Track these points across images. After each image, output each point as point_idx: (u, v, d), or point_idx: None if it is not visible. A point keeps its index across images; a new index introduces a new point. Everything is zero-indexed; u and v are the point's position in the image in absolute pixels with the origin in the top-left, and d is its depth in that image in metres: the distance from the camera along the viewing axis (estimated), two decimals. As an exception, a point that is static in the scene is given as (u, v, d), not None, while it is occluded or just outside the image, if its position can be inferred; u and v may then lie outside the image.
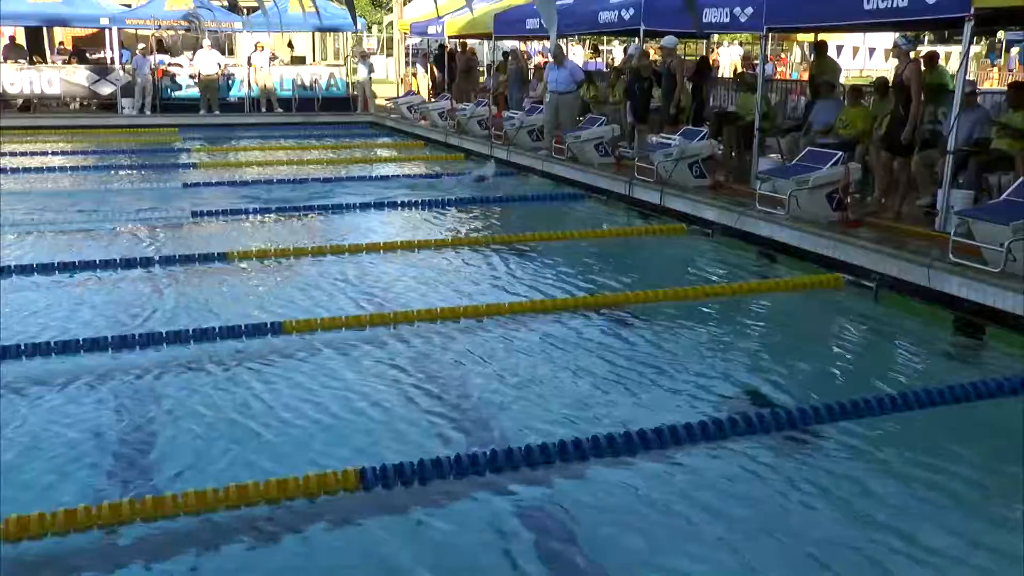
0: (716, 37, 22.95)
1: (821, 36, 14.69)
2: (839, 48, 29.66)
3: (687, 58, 17.93)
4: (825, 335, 7.58)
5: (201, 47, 22.96)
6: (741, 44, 31.10)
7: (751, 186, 11.00)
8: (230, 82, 23.91)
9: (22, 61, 23.45)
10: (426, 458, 4.77)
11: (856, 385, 6.20)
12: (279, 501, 4.49)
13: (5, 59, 23.53)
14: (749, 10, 10.98)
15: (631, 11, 13.47)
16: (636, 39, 14.58)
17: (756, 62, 15.37)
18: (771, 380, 6.26)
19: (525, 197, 13.10)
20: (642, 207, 12.03)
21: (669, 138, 12.17)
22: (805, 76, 18.53)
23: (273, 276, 8.91)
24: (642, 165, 12.40)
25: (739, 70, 18.63)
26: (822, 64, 13.28)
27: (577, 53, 26.35)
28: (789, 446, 5.22)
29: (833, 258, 8.76)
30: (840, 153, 9.51)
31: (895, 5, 8.84)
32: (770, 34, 11.95)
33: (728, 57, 29.24)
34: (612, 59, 25.96)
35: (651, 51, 15.69)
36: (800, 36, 25.66)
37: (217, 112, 22.95)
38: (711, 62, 15.57)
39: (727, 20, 11.45)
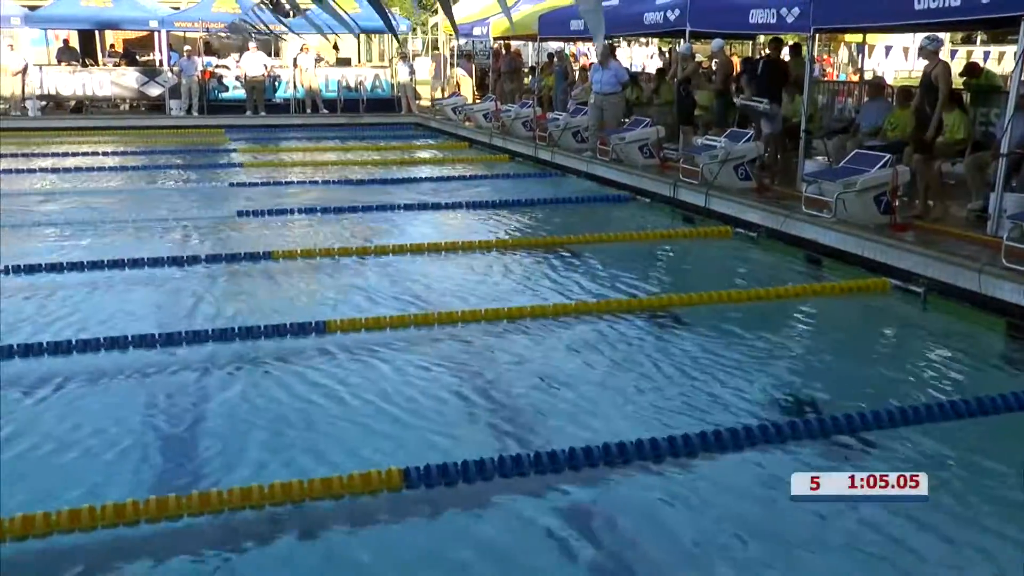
0: (762, 38, 22.74)
1: (869, 37, 14.53)
2: (887, 49, 29.29)
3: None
4: (871, 340, 7.46)
5: (248, 49, 23.19)
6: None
7: (797, 188, 10.90)
8: (276, 83, 24.12)
9: (75, 63, 23.84)
10: (470, 459, 4.77)
11: (903, 392, 6.10)
12: (323, 499, 4.52)
13: (59, 62, 23.95)
14: (796, 10, 10.87)
15: (676, 12, 13.41)
16: (681, 40, 14.51)
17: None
18: (816, 385, 6.19)
19: (569, 199, 13.07)
20: (687, 209, 11.95)
21: (715, 140, 12.09)
22: (854, 77, 18.26)
23: (317, 276, 8.97)
24: (687, 167, 12.33)
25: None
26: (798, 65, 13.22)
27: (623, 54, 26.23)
28: (834, 452, 5.15)
29: (880, 262, 8.65)
30: (888, 155, 9.38)
31: (947, 5, 8.67)
32: (817, 35, 11.82)
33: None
34: (665, 57, 25.77)
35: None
36: (848, 37, 25.36)
37: (263, 113, 23.16)
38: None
39: (773, 21, 11.34)
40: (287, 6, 16.31)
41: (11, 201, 13.00)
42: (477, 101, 22.38)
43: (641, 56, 32.62)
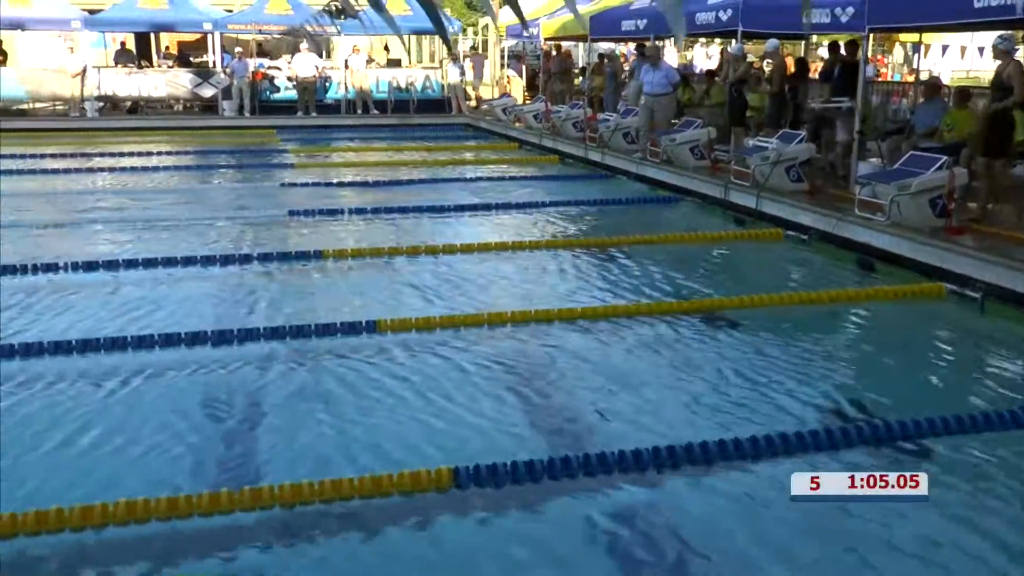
0: (815, 38, 22.50)
1: (925, 36, 14.31)
2: (944, 48, 28.85)
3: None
4: (926, 346, 7.30)
5: (299, 50, 23.40)
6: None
7: (850, 191, 10.77)
8: (327, 84, 24.30)
9: (131, 65, 24.25)
10: (519, 459, 4.78)
11: (959, 399, 6.00)
12: (373, 497, 4.55)
13: (116, 64, 24.37)
14: (850, 10, 10.72)
15: (729, 12, 13.31)
16: (733, 41, 14.41)
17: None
18: (869, 391, 6.10)
19: (619, 200, 13.03)
20: (737, 211, 11.85)
21: (766, 141, 11.98)
22: (909, 78, 17.99)
23: (368, 275, 9.03)
24: (738, 168, 12.24)
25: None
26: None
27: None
28: (885, 460, 5.07)
29: (936, 266, 8.51)
30: (945, 157, 9.24)
31: (1008, 2, 8.50)
32: (871, 34, 11.67)
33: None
34: (691, 59, 25.69)
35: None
36: (903, 36, 25.02)
37: (314, 114, 23.35)
38: (810, 64, 15.24)
39: (827, 20, 11.21)
40: (341, 8, 16.44)
41: (69, 200, 13.29)
42: (527, 102, 22.38)
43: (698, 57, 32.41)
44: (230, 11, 25.77)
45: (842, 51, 12.97)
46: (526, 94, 24.26)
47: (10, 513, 4.25)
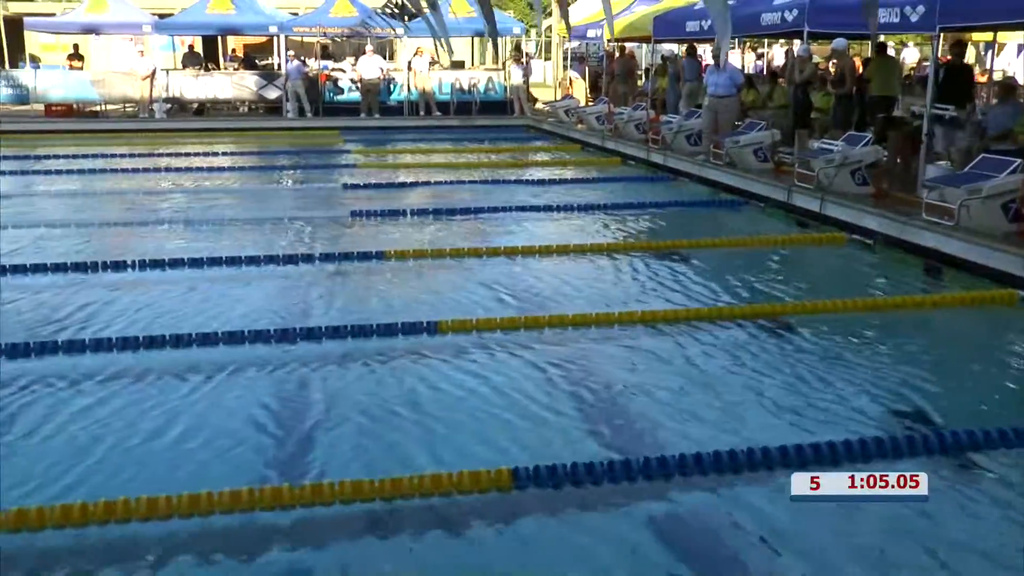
0: (883, 38, 22.12)
1: (1000, 35, 13.98)
2: (1020, 48, 28.14)
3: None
4: (996, 355, 7.12)
5: (364, 52, 23.61)
6: (915, 45, 29.87)
7: (917, 194, 10.58)
8: (391, 86, 24.49)
9: (198, 68, 24.68)
10: (578, 461, 4.76)
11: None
12: (432, 496, 4.58)
13: (184, 66, 24.84)
14: (921, 9, 10.48)
15: (795, 12, 13.14)
16: (799, 41, 14.23)
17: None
18: (934, 400, 5.95)
19: (681, 203, 12.94)
20: (801, 214, 11.71)
21: (831, 143, 11.81)
22: (982, 79, 17.60)
23: (429, 276, 9.08)
24: (802, 171, 12.08)
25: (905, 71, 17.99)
26: (882, 65, 12.71)
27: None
28: (953, 470, 4.97)
29: (1008, 273, 8.31)
30: (1019, 160, 9.03)
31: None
32: (942, 34, 11.44)
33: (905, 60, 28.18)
34: (771, 58, 25.40)
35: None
36: (975, 35, 24.47)
37: (377, 115, 23.54)
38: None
39: (896, 20, 10.98)
40: (406, 10, 16.58)
41: (137, 199, 13.56)
42: (590, 103, 22.33)
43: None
44: (295, 14, 26.10)
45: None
46: (588, 96, 24.19)
47: (80, 502, 4.37)
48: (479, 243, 10.34)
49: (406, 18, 21.71)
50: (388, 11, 20.81)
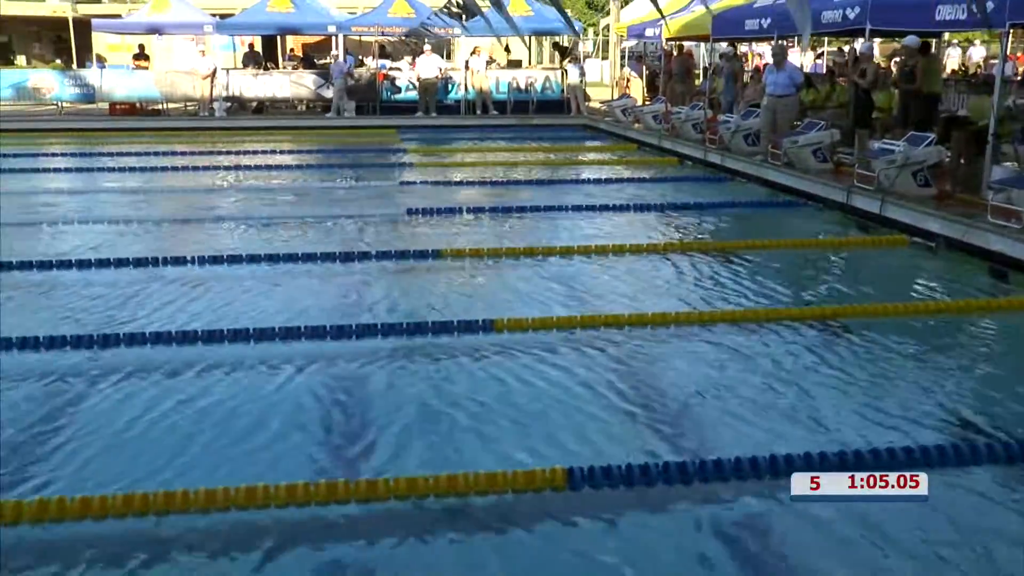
0: (946, 36, 21.77)
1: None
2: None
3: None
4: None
5: (422, 52, 23.76)
6: (983, 43, 29.31)
7: (982, 196, 10.37)
8: (448, 85, 24.58)
9: (257, 67, 24.99)
10: (634, 463, 4.74)
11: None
12: (487, 494, 4.59)
13: (245, 65, 25.18)
14: (989, 4, 10.23)
15: (856, 9, 12.94)
16: (861, 39, 14.02)
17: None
18: (999, 407, 5.82)
19: (738, 203, 12.82)
20: (860, 216, 11.51)
21: (893, 144, 11.63)
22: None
23: (485, 274, 9.10)
24: (862, 172, 11.91)
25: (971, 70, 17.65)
26: (930, 65, 12.44)
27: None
28: (1017, 480, 4.86)
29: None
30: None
31: None
32: (1011, 30, 11.18)
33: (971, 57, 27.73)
34: (832, 60, 25.05)
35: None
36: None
37: (434, 114, 23.65)
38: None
39: (963, 17, 10.76)
40: (466, 9, 16.62)
41: (197, 196, 13.78)
42: (647, 103, 22.23)
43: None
44: (353, 13, 26.31)
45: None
46: (646, 95, 24.08)
47: (142, 493, 4.45)
48: (535, 242, 10.32)
49: (464, 17, 21.77)
50: (448, 11, 20.85)
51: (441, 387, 6.09)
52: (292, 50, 30.35)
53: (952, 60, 27.32)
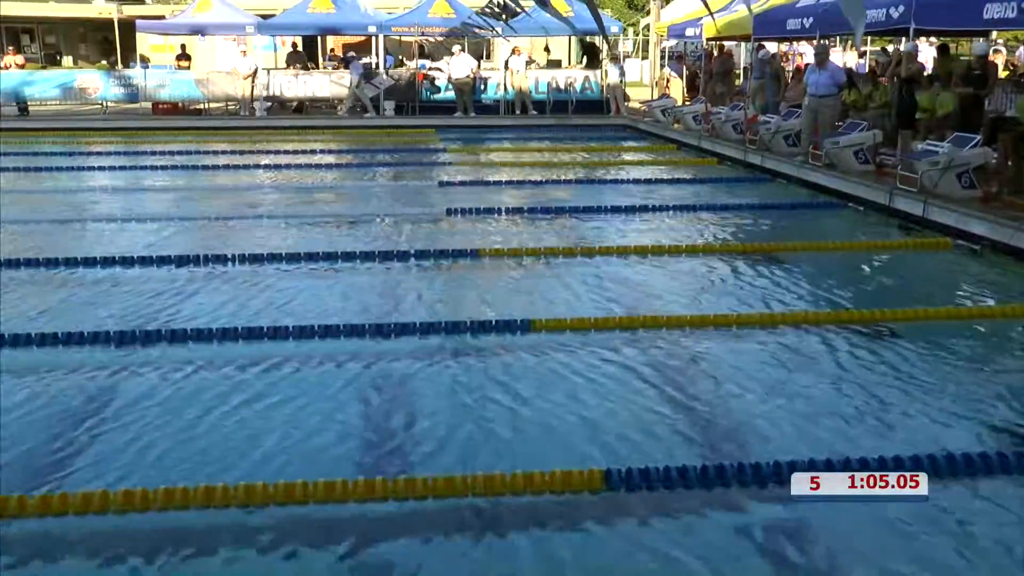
0: (994, 34, 21.45)
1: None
2: None
3: (963, 58, 16.82)
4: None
5: (453, 52, 23.83)
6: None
7: (1029, 199, 10.23)
8: (485, 85, 24.61)
9: (299, 66, 25.18)
10: (672, 465, 4.72)
11: None
12: (524, 494, 4.59)
13: (288, 65, 25.40)
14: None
15: (900, 8, 12.76)
16: (904, 39, 13.85)
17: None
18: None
19: (778, 205, 12.72)
20: (903, 218, 11.39)
21: (936, 145, 11.47)
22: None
23: (523, 274, 9.08)
24: (905, 173, 11.77)
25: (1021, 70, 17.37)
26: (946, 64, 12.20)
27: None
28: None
29: None
30: None
31: None
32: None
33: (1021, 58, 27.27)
34: (875, 60, 24.78)
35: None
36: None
37: (472, 114, 23.70)
38: (989, 63, 14.48)
39: (1013, 15, 10.53)
40: (507, 10, 16.64)
41: (237, 194, 13.90)
42: (687, 103, 22.12)
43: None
44: (393, 13, 26.42)
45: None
46: (686, 95, 23.97)
47: (182, 487, 4.50)
48: (573, 242, 10.31)
49: (505, 17, 21.78)
50: (489, 11, 20.86)
51: (479, 387, 6.09)
52: (332, 50, 30.52)
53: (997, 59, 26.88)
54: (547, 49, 29.79)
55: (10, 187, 14.48)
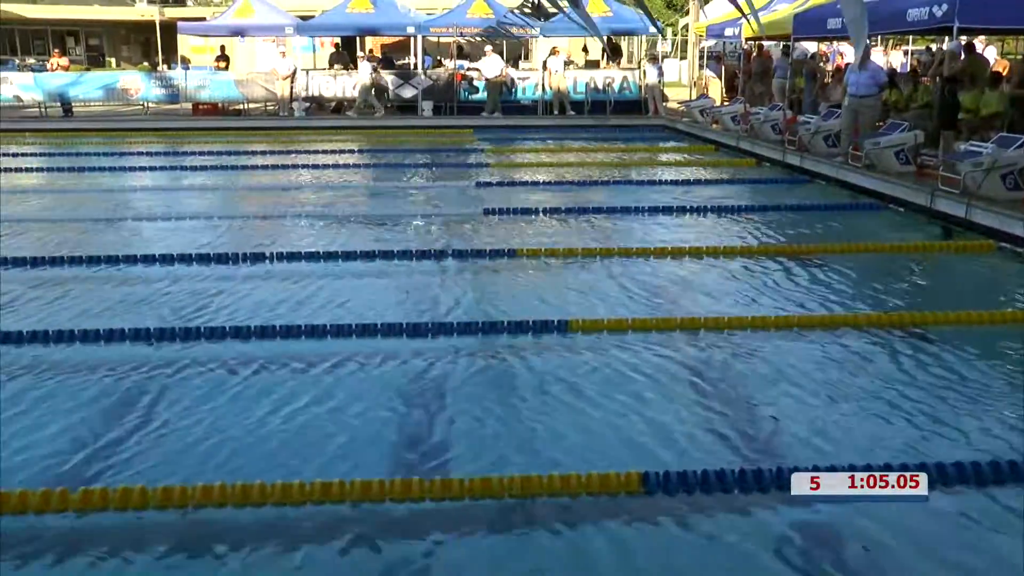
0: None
1: None
2: None
3: (1008, 57, 16.60)
4: None
5: (485, 53, 23.87)
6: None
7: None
8: (514, 85, 24.61)
9: (339, 66, 25.32)
10: (709, 468, 4.69)
11: None
12: (561, 495, 4.58)
13: (331, 65, 25.57)
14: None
15: (944, 7, 12.57)
16: (947, 38, 13.66)
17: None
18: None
19: (817, 206, 12.59)
20: (944, 220, 11.23)
21: (980, 146, 11.31)
22: None
23: (560, 275, 9.07)
24: (946, 175, 11.61)
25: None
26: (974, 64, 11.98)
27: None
28: None
29: None
30: None
31: None
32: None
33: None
34: (916, 60, 24.53)
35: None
36: None
37: (498, 114, 23.72)
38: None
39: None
40: (542, 10, 16.65)
41: (276, 194, 13.99)
42: (726, 103, 21.98)
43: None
44: (432, 14, 26.49)
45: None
46: (725, 95, 23.82)
47: (220, 484, 4.54)
48: (611, 243, 10.28)
49: (542, 18, 21.84)
50: (524, 10, 20.97)
51: (515, 387, 6.09)
52: (371, 50, 30.67)
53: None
54: (585, 49, 29.74)
55: (55, 186, 14.70)
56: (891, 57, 27.79)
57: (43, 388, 6.05)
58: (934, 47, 21.23)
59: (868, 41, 15.02)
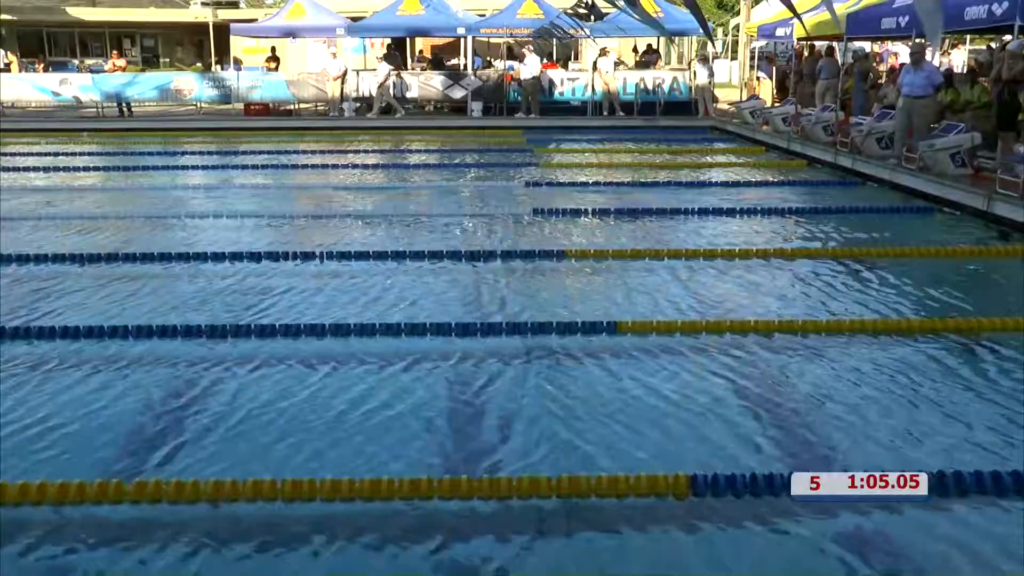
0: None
1: None
2: None
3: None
4: None
5: (525, 54, 23.90)
6: None
7: None
8: (571, 86, 24.53)
9: (396, 67, 25.48)
10: (759, 472, 4.65)
11: None
12: (609, 497, 4.57)
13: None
14: None
15: (1004, 5, 12.33)
16: (1010, 36, 13.40)
17: None
18: None
19: (870, 209, 12.42)
20: (1002, 224, 11.02)
21: (1040, 148, 11.10)
22: None
23: (609, 276, 9.03)
24: (1005, 178, 11.39)
25: None
26: None
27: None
28: None
29: None
30: None
31: None
32: None
33: None
34: (973, 59, 24.14)
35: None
36: None
37: (534, 115, 23.73)
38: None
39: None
40: (594, 10, 16.61)
41: (326, 193, 14.14)
42: (777, 104, 21.78)
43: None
44: (482, 15, 26.55)
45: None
46: (776, 96, 23.60)
47: (269, 480, 4.59)
48: (660, 244, 10.22)
49: (593, 18, 21.75)
50: (576, 12, 20.86)
51: (564, 387, 6.08)
52: (420, 51, 30.81)
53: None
54: (635, 50, 29.62)
55: (111, 185, 14.95)
56: (952, 57, 27.37)
57: (91, 383, 6.16)
58: (994, 46, 20.83)
59: (922, 41, 14.80)
